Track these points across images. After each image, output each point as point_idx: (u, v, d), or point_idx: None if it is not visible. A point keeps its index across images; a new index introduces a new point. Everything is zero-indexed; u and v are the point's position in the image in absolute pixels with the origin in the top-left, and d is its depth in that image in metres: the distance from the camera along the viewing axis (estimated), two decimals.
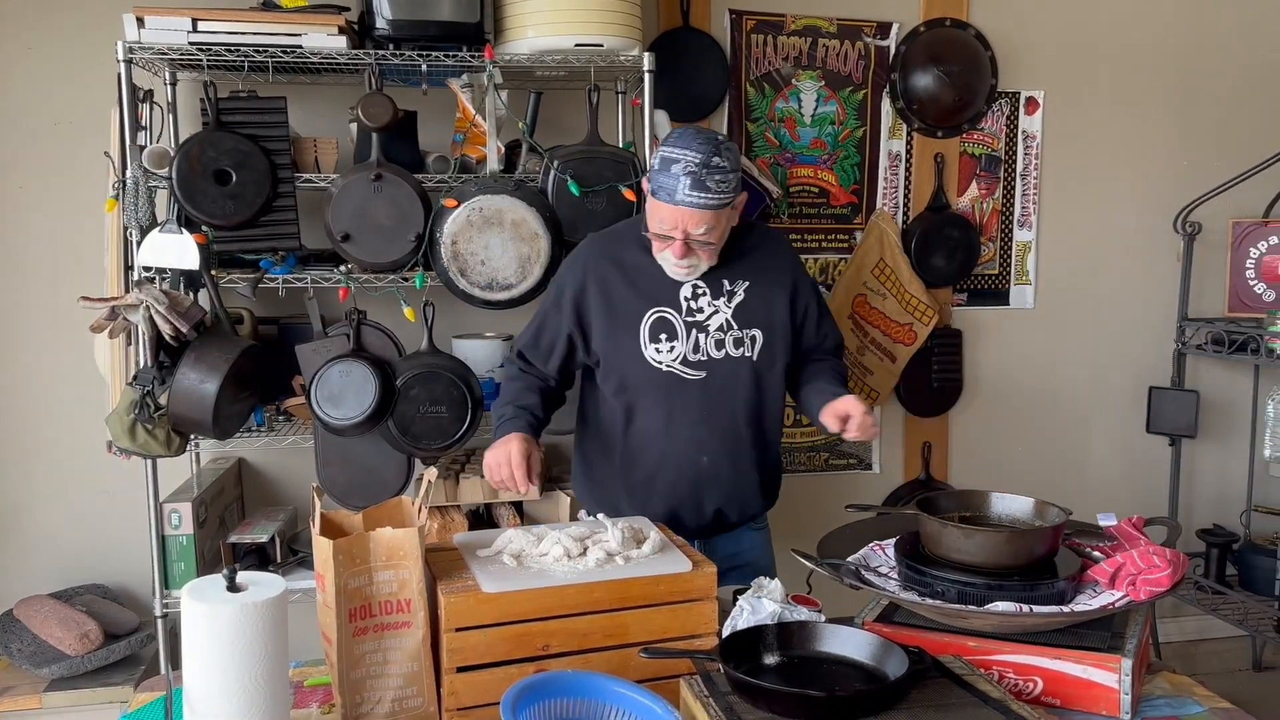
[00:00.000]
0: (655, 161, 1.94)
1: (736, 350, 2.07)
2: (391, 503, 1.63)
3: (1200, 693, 1.63)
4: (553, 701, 1.34)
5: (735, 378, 2.07)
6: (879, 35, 3.36)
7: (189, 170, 2.42)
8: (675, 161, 1.89)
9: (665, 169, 1.90)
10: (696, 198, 1.89)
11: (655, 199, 1.93)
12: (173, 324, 2.36)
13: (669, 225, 1.94)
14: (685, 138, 1.92)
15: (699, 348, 2.05)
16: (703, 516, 2.12)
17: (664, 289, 2.05)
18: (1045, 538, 1.67)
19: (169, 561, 2.62)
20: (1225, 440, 3.73)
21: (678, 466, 2.08)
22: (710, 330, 2.06)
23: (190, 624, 1.30)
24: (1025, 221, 3.56)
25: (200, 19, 2.46)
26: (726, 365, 2.06)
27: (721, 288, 2.06)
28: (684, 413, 2.07)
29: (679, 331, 2.05)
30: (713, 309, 2.06)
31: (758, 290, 2.08)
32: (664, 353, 2.05)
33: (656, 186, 1.92)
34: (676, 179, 1.89)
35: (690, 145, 1.90)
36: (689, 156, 1.89)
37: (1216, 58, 3.60)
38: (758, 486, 2.17)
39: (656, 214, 1.94)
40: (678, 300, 2.05)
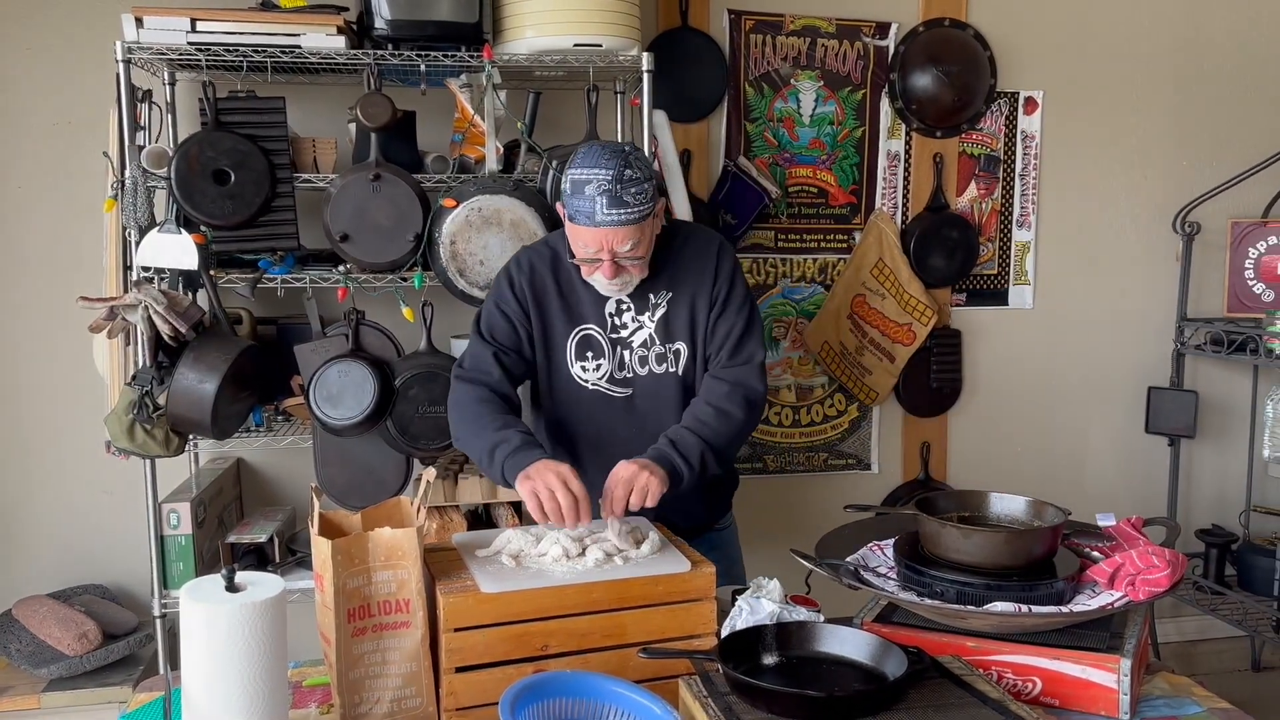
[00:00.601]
0: (566, 186, 1.86)
1: (659, 366, 2.02)
2: (390, 503, 1.63)
3: (1199, 693, 1.63)
4: (551, 702, 1.34)
5: (660, 394, 2.02)
6: (878, 35, 3.36)
7: (188, 170, 2.42)
8: (587, 183, 1.82)
9: (579, 192, 1.83)
10: (616, 214, 1.82)
11: (574, 224, 1.86)
12: (171, 324, 2.36)
13: (594, 248, 1.87)
14: (592, 155, 1.84)
15: (624, 365, 2.01)
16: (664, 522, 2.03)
17: (590, 306, 2.00)
18: (1044, 538, 1.67)
19: (168, 561, 2.62)
20: (1224, 440, 3.73)
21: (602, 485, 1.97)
22: (634, 347, 2.01)
23: (189, 624, 1.30)
24: (1024, 221, 3.56)
25: (199, 19, 2.45)
26: (651, 382, 2.02)
27: (647, 302, 2.00)
28: (612, 430, 2.02)
29: (604, 349, 2.01)
30: (636, 324, 2.01)
31: (680, 300, 2.01)
32: (589, 371, 2.01)
33: (574, 211, 1.85)
34: (592, 201, 1.81)
35: (599, 163, 1.83)
36: (600, 175, 1.81)
37: (1215, 57, 3.60)
38: (700, 499, 2.10)
39: (579, 238, 1.88)
40: (603, 317, 2.00)
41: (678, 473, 1.83)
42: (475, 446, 1.92)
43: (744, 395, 1.97)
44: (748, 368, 2.00)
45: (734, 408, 1.94)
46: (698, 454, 1.87)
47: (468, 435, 1.95)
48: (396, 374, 2.50)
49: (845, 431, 3.51)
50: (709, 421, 1.92)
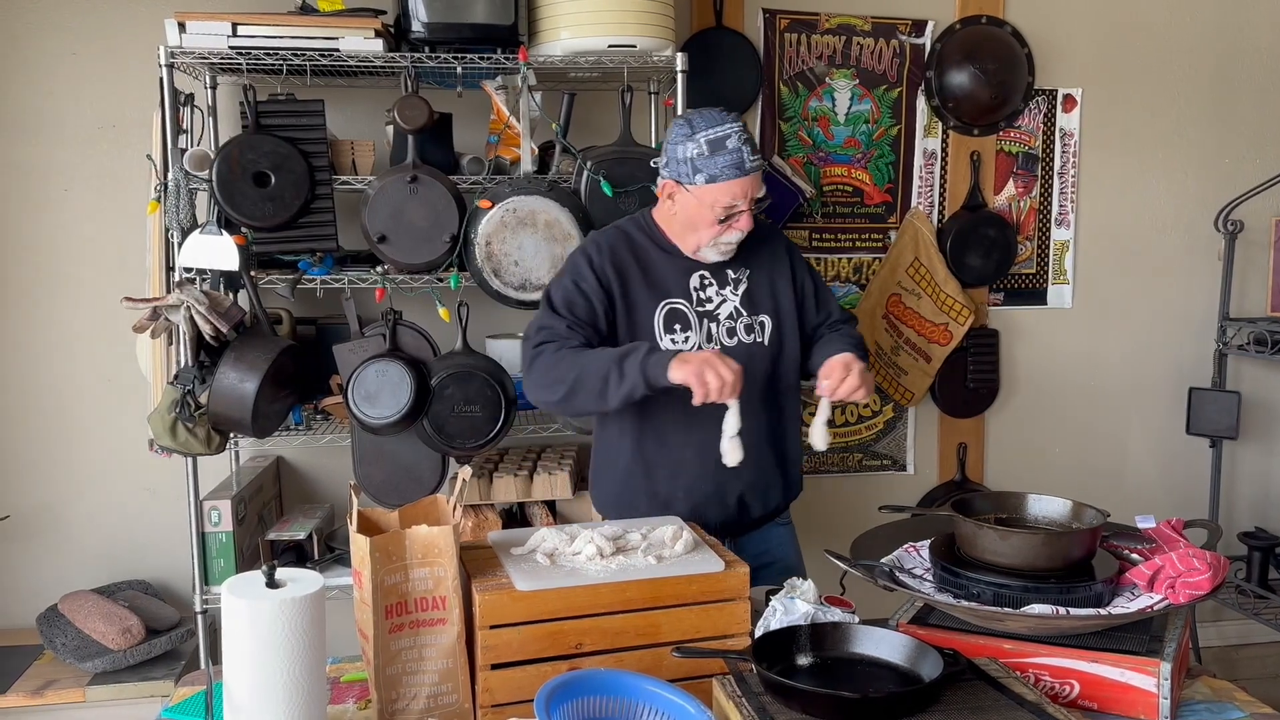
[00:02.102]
0: (695, 149, 1.95)
1: (748, 337, 2.09)
2: (427, 501, 1.65)
3: (1241, 698, 1.61)
4: (586, 699, 1.34)
5: (749, 364, 2.05)
6: (914, 33, 3.34)
7: (229, 173, 2.45)
8: (726, 138, 1.94)
9: (719, 148, 1.94)
10: (756, 159, 1.97)
11: (717, 183, 1.95)
12: (213, 324, 2.39)
13: (741, 199, 1.98)
14: (711, 117, 1.97)
15: (711, 337, 2.07)
16: (726, 509, 2.11)
17: (673, 281, 2.07)
18: (1083, 540, 1.65)
19: (209, 558, 2.65)
20: (1267, 442, 3.67)
21: (699, 457, 2.05)
22: (721, 319, 2.08)
23: (230, 619, 1.31)
24: (1063, 220, 3.52)
25: (240, 23, 2.49)
26: (740, 352, 2.06)
27: (726, 277, 2.09)
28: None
29: (692, 322, 2.06)
30: (721, 298, 2.08)
31: (759, 277, 2.12)
32: (679, 343, 2.05)
33: (717, 170, 1.94)
34: (738, 151, 1.94)
35: (722, 120, 1.96)
36: (733, 128, 1.95)
37: (1256, 54, 3.54)
38: (778, 476, 2.17)
39: (722, 195, 1.96)
40: (688, 291, 2.07)
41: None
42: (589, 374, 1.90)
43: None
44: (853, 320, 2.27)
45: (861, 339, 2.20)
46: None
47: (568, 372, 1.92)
48: (432, 373, 2.52)
49: (880, 432, 3.49)
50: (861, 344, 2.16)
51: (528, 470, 2.78)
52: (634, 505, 2.12)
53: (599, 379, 1.90)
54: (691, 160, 1.96)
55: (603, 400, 1.91)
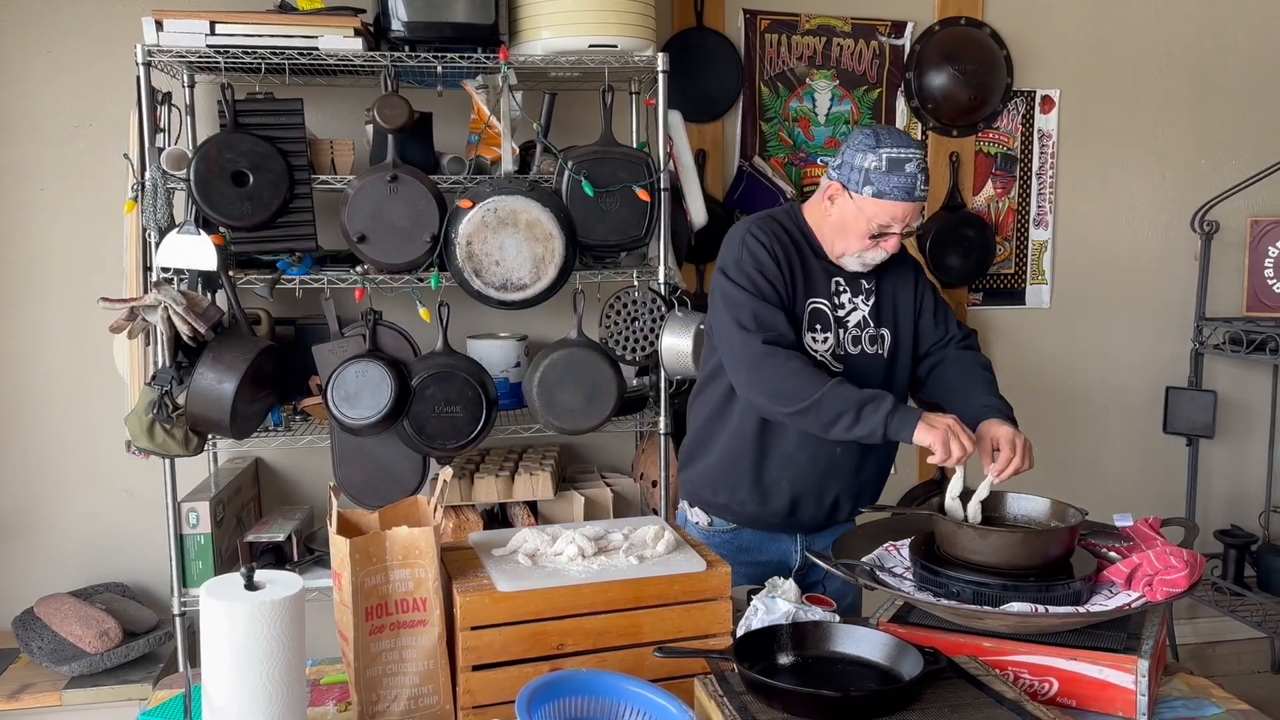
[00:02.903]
0: (875, 162, 1.94)
1: (871, 348, 2.10)
2: (407, 502, 1.64)
3: (1218, 694, 1.62)
4: (567, 700, 1.34)
5: (869, 374, 2.08)
6: (894, 34, 3.36)
7: (207, 172, 2.43)
8: (907, 160, 1.94)
9: (897, 169, 1.94)
10: (925, 191, 1.98)
11: (882, 199, 1.95)
12: (191, 324, 2.37)
13: (898, 222, 1.98)
14: (896, 137, 1.97)
15: (839, 342, 2.08)
16: (821, 506, 2.13)
17: (819, 281, 2.08)
18: (1061, 538, 1.66)
19: (187, 560, 2.63)
20: (1243, 440, 3.71)
21: (812, 454, 2.07)
22: (849, 326, 2.09)
23: (209, 622, 1.31)
24: (1041, 221, 3.54)
25: (218, 21, 2.47)
26: (861, 361, 2.09)
27: (860, 286, 2.10)
28: None
29: (831, 324, 2.07)
30: (852, 306, 2.09)
31: (886, 290, 2.13)
32: (819, 342, 2.06)
33: (888, 187, 1.94)
34: (913, 177, 1.94)
35: (909, 143, 1.97)
36: (916, 154, 1.96)
37: (1233, 57, 3.58)
38: (875, 479, 2.20)
39: (883, 213, 1.97)
40: (829, 294, 2.08)
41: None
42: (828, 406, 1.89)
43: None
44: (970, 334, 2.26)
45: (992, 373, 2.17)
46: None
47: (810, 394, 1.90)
48: (413, 374, 2.51)
49: None
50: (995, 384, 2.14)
51: (509, 471, 2.78)
52: (735, 487, 2.13)
53: (834, 413, 1.89)
54: (866, 171, 1.96)
55: (824, 430, 1.91)
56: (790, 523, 2.14)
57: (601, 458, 3.24)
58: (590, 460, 3.24)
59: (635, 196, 2.61)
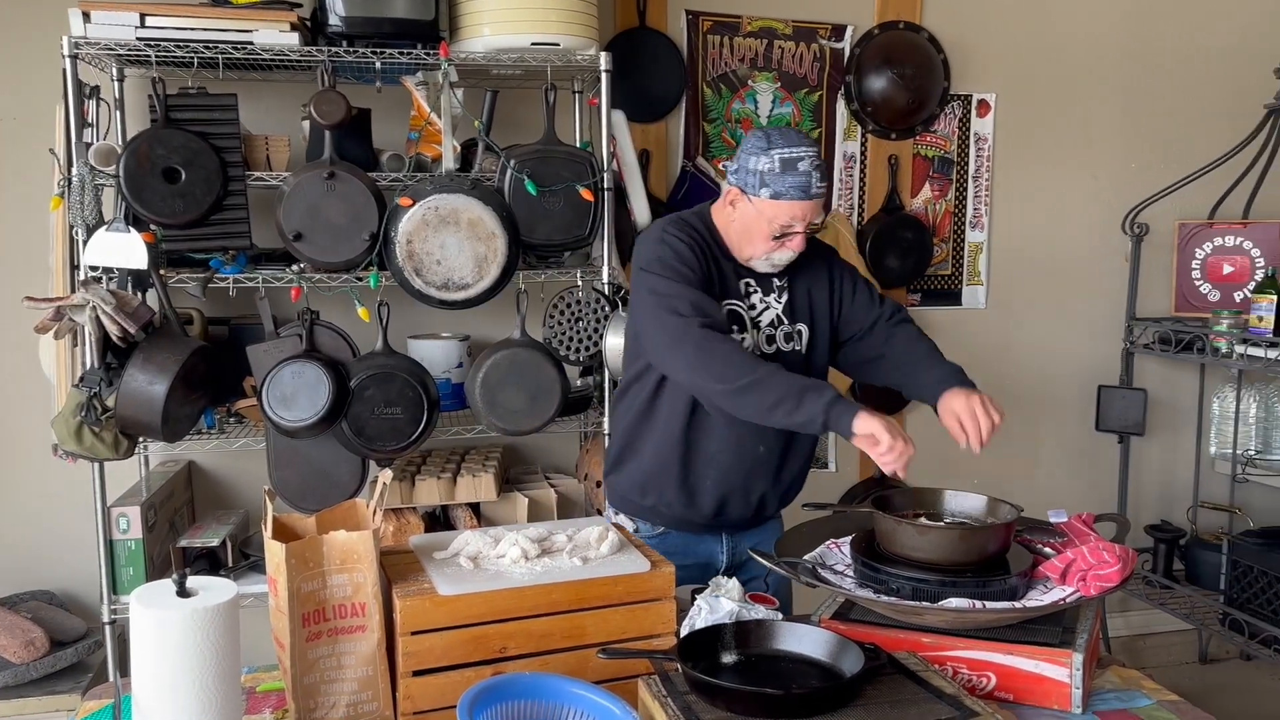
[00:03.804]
0: (768, 164, 1.94)
1: (787, 345, 2.11)
2: (345, 505, 1.62)
3: (1149, 686, 1.66)
4: (510, 704, 1.33)
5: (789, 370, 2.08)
6: (834, 37, 3.39)
7: (137, 168, 2.38)
8: (800, 159, 1.94)
9: (791, 169, 1.94)
10: (823, 187, 1.99)
11: (780, 200, 1.95)
12: (120, 325, 2.32)
13: (799, 220, 1.99)
14: (789, 136, 1.97)
15: (755, 343, 2.09)
16: (748, 505, 2.14)
17: (731, 283, 2.08)
18: (998, 534, 1.69)
19: (117, 567, 2.58)
20: (1172, 437, 3.81)
21: (737, 453, 2.08)
22: (763, 326, 2.09)
23: (139, 630, 1.27)
24: (977, 223, 3.60)
25: (148, 14, 2.41)
26: (778, 359, 2.09)
27: (771, 284, 2.11)
28: None
29: (746, 324, 2.08)
30: (765, 305, 2.10)
31: (800, 284, 2.13)
32: None
33: (783, 187, 1.94)
34: (808, 175, 1.95)
35: (801, 141, 1.97)
36: (809, 152, 1.96)
37: (1162, 63, 3.67)
38: (799, 476, 2.21)
39: (782, 214, 1.97)
40: (741, 294, 2.09)
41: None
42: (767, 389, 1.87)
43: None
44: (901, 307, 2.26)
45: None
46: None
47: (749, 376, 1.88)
48: (352, 375, 2.48)
49: None
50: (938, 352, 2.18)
51: (451, 472, 2.75)
52: (662, 488, 2.12)
53: (776, 396, 1.86)
54: (761, 173, 1.96)
55: (762, 413, 1.88)
56: (717, 522, 2.14)
57: (545, 458, 3.22)
58: (534, 461, 3.22)
59: (579, 196, 2.61)
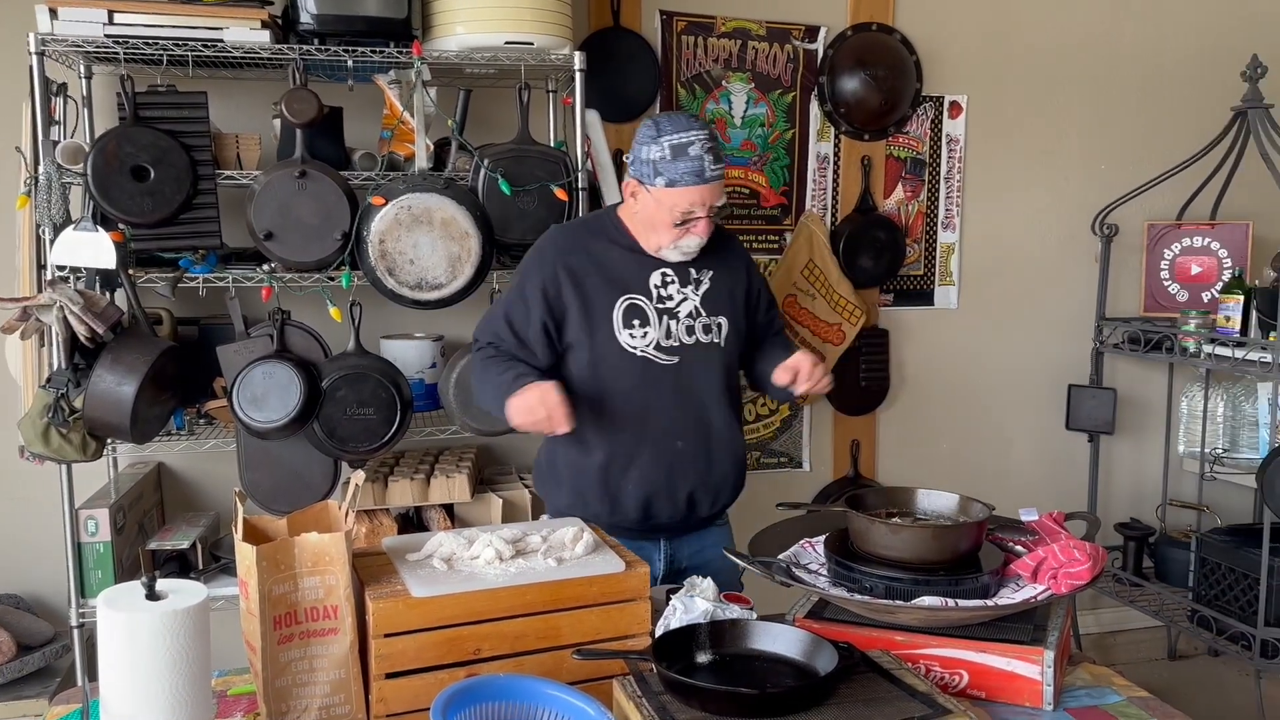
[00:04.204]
0: (658, 154, 1.96)
1: (705, 336, 2.12)
2: (317, 507, 1.60)
3: (1119, 682, 1.68)
4: (484, 706, 1.32)
5: (706, 363, 2.12)
6: (807, 39, 3.40)
7: (105, 166, 2.35)
8: (689, 144, 1.95)
9: (681, 155, 1.95)
10: (718, 169, 1.99)
11: (675, 187, 1.97)
12: (88, 325, 2.30)
13: (699, 206, 1.99)
14: (677, 121, 1.98)
15: (670, 334, 2.09)
16: (676, 506, 2.13)
17: (634, 277, 2.09)
18: (969, 533, 1.70)
19: (85, 570, 2.55)
20: (1141, 436, 3.85)
21: (654, 452, 2.09)
22: (680, 317, 2.10)
23: (108, 634, 1.26)
24: (949, 223, 3.63)
25: (116, 10, 2.39)
26: (697, 351, 2.11)
27: (689, 276, 2.11)
28: (658, 397, 2.10)
29: (651, 318, 2.08)
30: (682, 296, 2.10)
31: (720, 279, 2.14)
32: (638, 338, 2.07)
33: (677, 175, 1.96)
34: (699, 159, 1.95)
35: (689, 126, 1.97)
36: (699, 135, 1.96)
37: (1132, 66, 3.71)
38: (731, 474, 2.20)
39: (681, 200, 1.98)
40: (648, 288, 2.09)
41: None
42: (486, 387, 2.05)
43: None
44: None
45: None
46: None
47: (479, 388, 2.08)
48: (324, 375, 2.46)
49: (778, 430, 3.54)
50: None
51: (425, 473, 2.74)
52: (585, 498, 2.12)
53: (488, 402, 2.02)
54: (654, 162, 1.97)
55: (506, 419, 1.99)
56: (648, 526, 2.13)
57: (519, 459, 3.21)
58: (508, 461, 3.21)
59: (553, 195, 2.60)
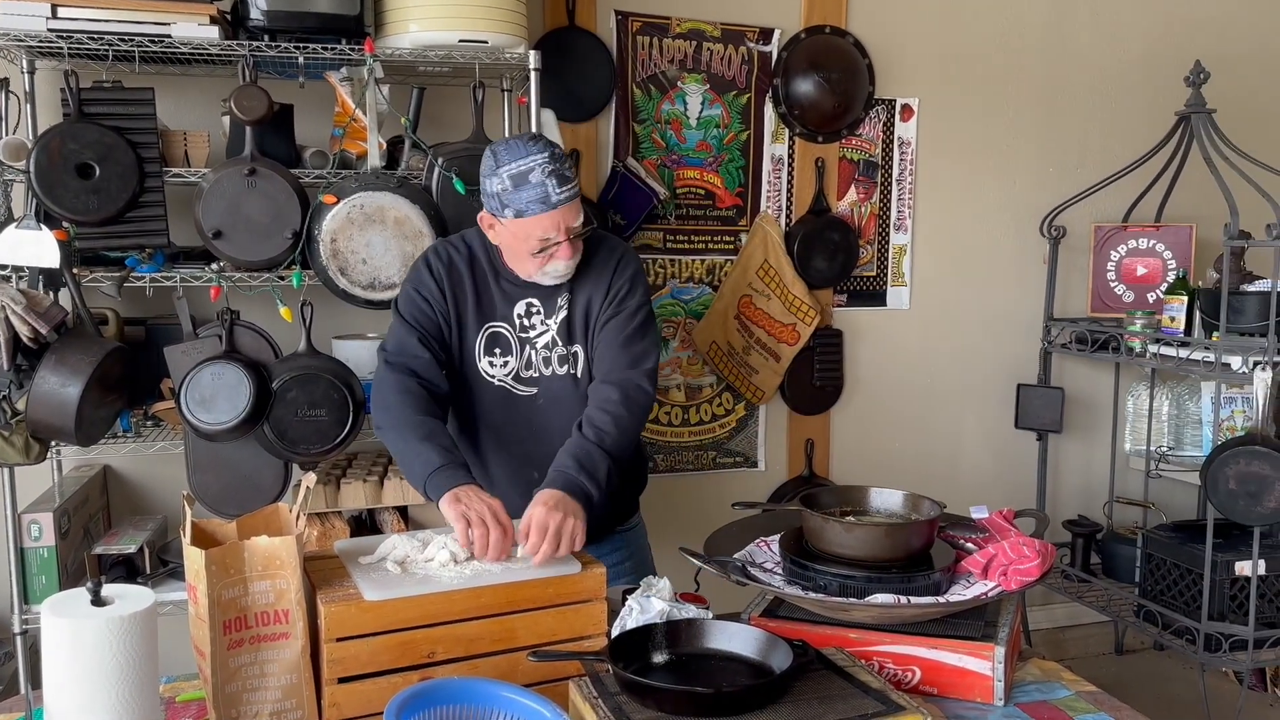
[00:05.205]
0: (499, 185, 1.87)
1: (562, 368, 2.04)
2: (268, 510, 1.58)
3: (1068, 677, 1.70)
4: (439, 709, 1.31)
5: (564, 396, 2.04)
6: (761, 41, 3.42)
7: (48, 163, 2.31)
8: (529, 171, 1.86)
9: (522, 183, 1.86)
10: (567, 191, 1.88)
11: (524, 218, 1.88)
12: (31, 325, 2.26)
13: (554, 232, 1.89)
14: (513, 148, 1.89)
15: (530, 364, 2.03)
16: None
17: (501, 305, 2.03)
18: (921, 531, 1.72)
19: (29, 575, 2.50)
20: (1089, 435, 3.91)
21: (510, 482, 2.03)
22: (539, 347, 2.03)
23: (52, 640, 1.24)
24: (901, 225, 3.66)
25: (60, 4, 2.34)
26: (555, 382, 2.04)
27: (553, 305, 2.03)
28: (514, 428, 2.04)
29: (512, 347, 2.03)
30: (544, 327, 2.03)
31: (578, 302, 2.03)
32: (496, 367, 2.03)
33: (523, 205, 1.87)
34: (542, 186, 1.86)
35: (527, 151, 1.87)
36: (538, 159, 1.86)
37: (1079, 71, 3.78)
38: (628, 488, 2.14)
39: (535, 229, 1.89)
40: (511, 317, 2.03)
41: (591, 500, 1.80)
42: (396, 446, 1.91)
43: (636, 400, 1.95)
44: (637, 371, 1.98)
45: (628, 414, 1.92)
46: (604, 471, 1.85)
47: (389, 428, 1.94)
48: (274, 376, 2.43)
49: (733, 430, 3.56)
50: (609, 432, 1.88)
51: (378, 475, 2.71)
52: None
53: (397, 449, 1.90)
54: (498, 195, 1.89)
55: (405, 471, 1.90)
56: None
57: None
58: None
59: None
